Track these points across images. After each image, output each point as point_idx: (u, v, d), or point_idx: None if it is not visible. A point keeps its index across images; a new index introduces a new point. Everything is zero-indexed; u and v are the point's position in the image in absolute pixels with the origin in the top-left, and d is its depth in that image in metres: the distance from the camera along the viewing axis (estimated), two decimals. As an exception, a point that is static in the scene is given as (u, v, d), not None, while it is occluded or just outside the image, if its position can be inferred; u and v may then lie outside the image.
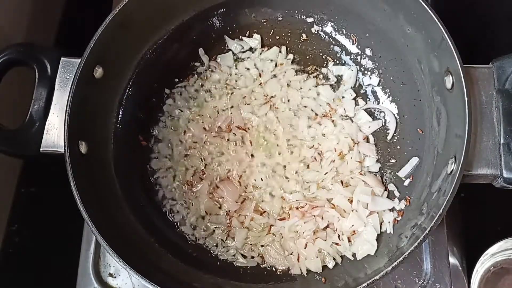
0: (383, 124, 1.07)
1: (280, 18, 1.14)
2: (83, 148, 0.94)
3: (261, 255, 1.01)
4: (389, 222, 0.97)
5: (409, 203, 0.98)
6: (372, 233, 0.97)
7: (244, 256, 1.01)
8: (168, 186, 1.06)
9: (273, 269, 1.00)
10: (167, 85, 1.11)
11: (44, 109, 0.97)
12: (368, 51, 1.10)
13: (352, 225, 0.98)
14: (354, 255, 0.97)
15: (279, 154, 1.06)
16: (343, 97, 1.09)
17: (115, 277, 1.03)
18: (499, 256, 1.01)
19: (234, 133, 1.07)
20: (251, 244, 1.01)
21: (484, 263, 1.01)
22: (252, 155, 1.06)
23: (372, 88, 1.09)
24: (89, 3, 1.39)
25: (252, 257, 1.01)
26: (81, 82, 0.93)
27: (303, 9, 1.12)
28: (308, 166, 1.05)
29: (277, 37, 1.14)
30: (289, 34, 1.14)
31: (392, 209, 0.99)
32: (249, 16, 1.14)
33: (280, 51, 1.13)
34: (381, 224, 0.98)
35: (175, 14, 1.10)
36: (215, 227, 1.03)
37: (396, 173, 1.02)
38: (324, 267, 0.98)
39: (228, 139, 1.07)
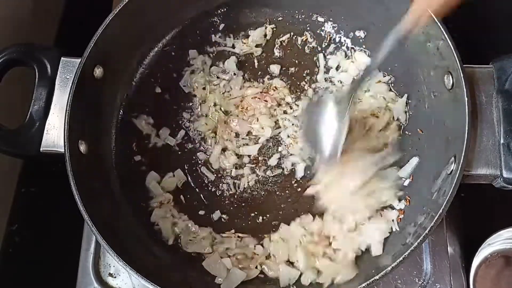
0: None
1: (280, 18, 1.14)
2: (83, 148, 0.94)
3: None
4: (393, 220, 0.97)
5: (409, 203, 0.98)
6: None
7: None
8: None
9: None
10: (167, 85, 1.11)
11: (44, 109, 0.97)
12: (367, 51, 1.10)
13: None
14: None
15: None
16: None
17: (115, 277, 1.03)
18: (496, 245, 1.01)
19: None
20: None
21: (479, 254, 1.00)
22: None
23: (372, 88, 1.09)
24: (89, 3, 1.39)
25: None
26: (81, 82, 0.93)
27: (303, 9, 1.13)
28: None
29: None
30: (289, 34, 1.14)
31: (392, 209, 0.99)
32: (250, 16, 1.14)
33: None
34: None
35: (176, 14, 1.10)
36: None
37: (396, 173, 1.02)
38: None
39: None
